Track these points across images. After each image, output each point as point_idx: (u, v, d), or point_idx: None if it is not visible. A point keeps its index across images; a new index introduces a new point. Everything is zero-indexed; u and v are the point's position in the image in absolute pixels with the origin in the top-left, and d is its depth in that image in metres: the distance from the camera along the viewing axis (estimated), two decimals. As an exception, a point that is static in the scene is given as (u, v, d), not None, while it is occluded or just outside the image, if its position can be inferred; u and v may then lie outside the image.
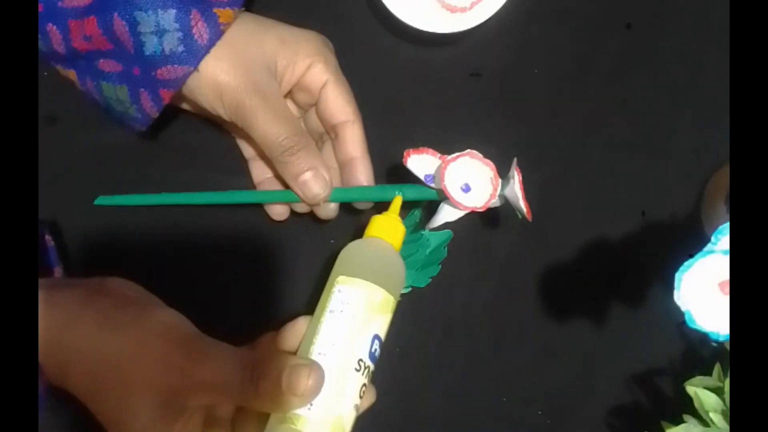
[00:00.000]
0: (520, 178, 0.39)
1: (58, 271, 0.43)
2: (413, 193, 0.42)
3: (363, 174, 0.43)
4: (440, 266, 0.47)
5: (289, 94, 0.44)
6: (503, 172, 0.41)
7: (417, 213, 0.47)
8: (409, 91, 0.48)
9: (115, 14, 0.37)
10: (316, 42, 0.42)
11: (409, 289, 0.47)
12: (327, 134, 0.45)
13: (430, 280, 0.48)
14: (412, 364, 0.48)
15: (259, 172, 0.46)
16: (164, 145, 0.47)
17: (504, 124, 0.49)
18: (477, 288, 0.48)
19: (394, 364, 0.48)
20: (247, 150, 0.46)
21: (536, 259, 0.48)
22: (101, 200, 0.45)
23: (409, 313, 0.48)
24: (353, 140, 0.43)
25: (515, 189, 0.39)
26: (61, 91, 0.43)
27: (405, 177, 0.43)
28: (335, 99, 0.42)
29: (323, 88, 0.42)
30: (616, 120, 0.49)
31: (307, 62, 0.41)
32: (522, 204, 0.39)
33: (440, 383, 0.48)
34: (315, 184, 0.41)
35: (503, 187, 0.40)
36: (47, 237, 0.43)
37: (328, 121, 0.43)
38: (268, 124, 0.40)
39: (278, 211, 0.45)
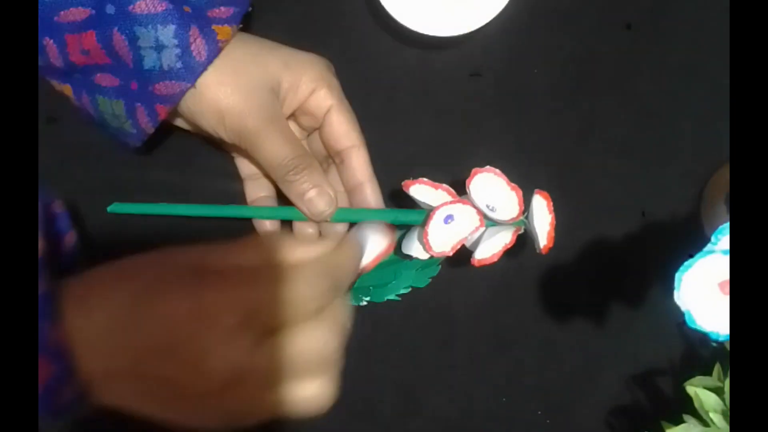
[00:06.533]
0: (552, 214, 0.41)
1: (70, 236, 0.42)
2: (416, 217, 0.42)
3: (372, 197, 0.44)
4: (440, 266, 0.48)
5: (292, 117, 0.44)
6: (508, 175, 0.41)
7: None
8: (410, 92, 0.48)
9: (115, 29, 0.37)
10: (320, 66, 0.42)
11: (409, 289, 0.47)
12: (332, 159, 0.45)
13: (430, 280, 0.48)
14: (412, 364, 0.48)
15: (253, 191, 0.46)
16: (165, 145, 0.47)
17: (504, 124, 0.49)
18: (477, 288, 0.48)
19: (394, 364, 0.48)
20: (244, 169, 0.46)
21: (536, 259, 0.48)
22: (115, 207, 0.45)
23: (409, 313, 0.48)
24: (360, 165, 0.43)
25: (533, 218, 0.40)
26: (61, 91, 0.43)
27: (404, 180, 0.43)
28: (339, 125, 0.43)
29: (327, 114, 0.43)
30: (616, 120, 0.49)
31: (311, 87, 0.42)
32: (539, 235, 0.40)
33: (440, 383, 0.48)
34: (320, 201, 0.41)
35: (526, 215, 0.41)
36: (56, 203, 0.40)
37: (332, 147, 0.44)
38: (273, 147, 0.40)
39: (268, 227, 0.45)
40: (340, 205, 0.43)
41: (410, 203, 0.43)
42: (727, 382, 0.38)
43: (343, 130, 0.43)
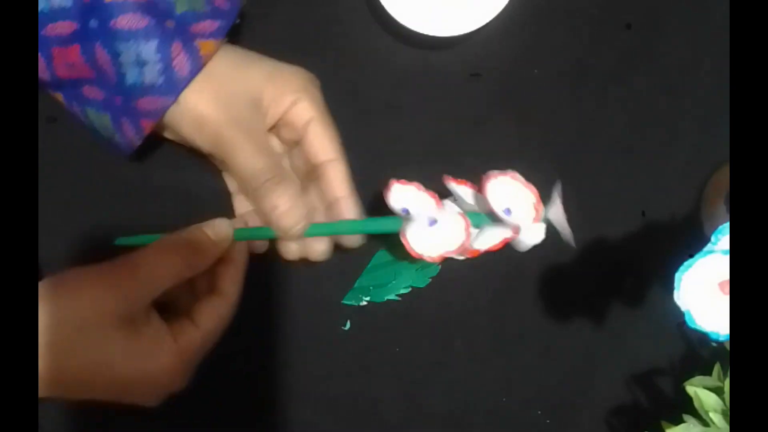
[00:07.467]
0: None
1: None
2: (389, 224, 0.41)
3: (348, 214, 0.42)
4: (440, 266, 0.47)
5: (273, 129, 0.43)
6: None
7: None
8: (409, 92, 0.48)
9: (97, 43, 0.37)
10: (303, 78, 0.42)
11: (409, 289, 0.47)
12: (310, 174, 0.43)
13: (430, 280, 0.48)
14: (412, 364, 0.48)
15: (241, 206, 0.45)
16: (165, 145, 0.47)
17: (504, 124, 0.49)
18: (477, 288, 0.48)
19: (395, 364, 0.48)
20: (231, 183, 0.45)
21: (536, 259, 0.48)
22: (120, 241, 0.43)
23: (410, 313, 0.48)
24: (337, 180, 0.42)
25: (559, 212, 0.39)
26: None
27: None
28: (319, 137, 0.41)
29: (307, 126, 0.41)
30: (616, 120, 0.49)
31: (292, 98, 0.41)
32: (567, 228, 0.39)
33: (440, 383, 0.48)
34: (288, 217, 0.40)
35: (546, 211, 0.40)
36: None
37: (311, 160, 0.42)
38: (247, 158, 0.39)
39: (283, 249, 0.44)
40: (321, 221, 0.42)
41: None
42: (727, 382, 0.38)
43: (323, 143, 0.42)
